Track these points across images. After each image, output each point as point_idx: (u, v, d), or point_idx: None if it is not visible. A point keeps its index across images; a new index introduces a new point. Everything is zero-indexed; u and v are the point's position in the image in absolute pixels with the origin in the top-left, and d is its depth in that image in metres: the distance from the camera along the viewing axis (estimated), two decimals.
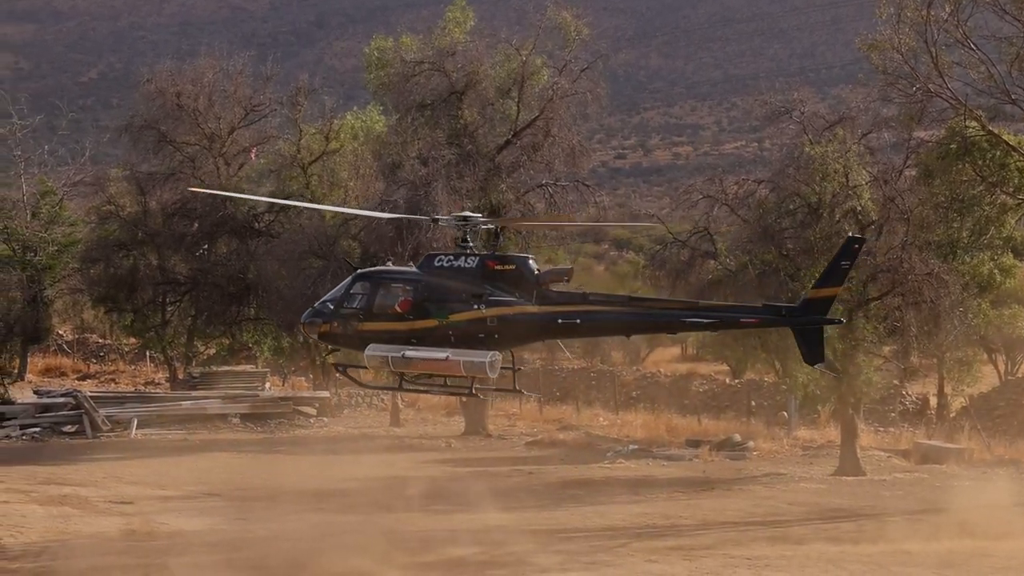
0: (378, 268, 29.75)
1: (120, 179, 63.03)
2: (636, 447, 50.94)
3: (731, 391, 64.60)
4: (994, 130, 42.82)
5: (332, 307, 28.47)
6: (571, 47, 53.53)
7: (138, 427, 55.07)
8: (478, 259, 27.58)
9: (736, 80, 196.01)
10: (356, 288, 28.38)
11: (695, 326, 28.08)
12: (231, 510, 37.30)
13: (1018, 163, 43.02)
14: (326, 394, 60.69)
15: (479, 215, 29.12)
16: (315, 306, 29.22)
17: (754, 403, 60.19)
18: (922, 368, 58.95)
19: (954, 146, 42.88)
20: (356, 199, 55.37)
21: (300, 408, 59.18)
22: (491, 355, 26.99)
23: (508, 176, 53.28)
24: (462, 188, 50.87)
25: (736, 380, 67.09)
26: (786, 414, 56.88)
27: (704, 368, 75.36)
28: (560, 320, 27.18)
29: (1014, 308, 55.31)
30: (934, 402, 58.99)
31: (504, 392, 32.39)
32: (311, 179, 57.95)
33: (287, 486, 40.70)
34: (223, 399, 57.94)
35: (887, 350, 46.85)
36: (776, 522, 36.43)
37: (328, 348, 31.03)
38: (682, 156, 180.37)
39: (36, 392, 60.90)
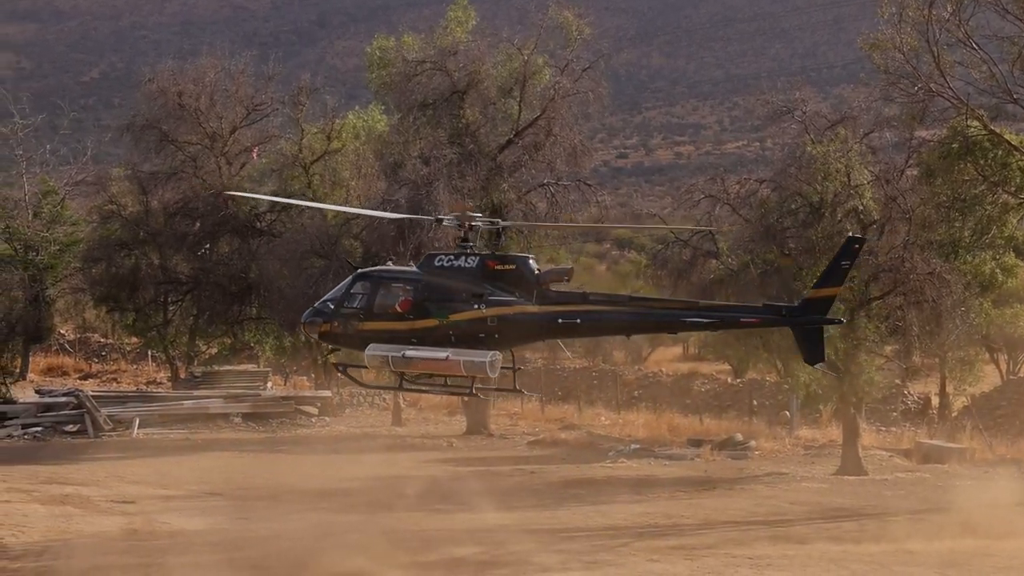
0: (378, 268, 29.73)
1: (122, 178, 62.99)
2: (638, 446, 50.91)
3: (733, 390, 64.57)
4: (996, 129, 42.79)
5: (332, 307, 28.43)
6: (573, 46, 53.53)
7: (140, 426, 55.10)
8: (478, 259, 27.56)
9: (738, 79, 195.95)
10: (356, 288, 28.36)
11: (695, 326, 28.09)
12: (233, 509, 37.29)
13: (1020, 163, 42.98)
14: (328, 393, 60.67)
15: (479, 214, 29.08)
16: (315, 306, 29.20)
17: (756, 402, 60.15)
18: (924, 367, 58.92)
19: (956, 146, 42.85)
20: (358, 199, 55.32)
21: (302, 408, 59.16)
22: (491, 355, 26.97)
23: (510, 175, 53.29)
24: (464, 187, 50.86)
25: (738, 379, 67.06)
26: (788, 413, 56.86)
27: (706, 368, 75.36)
28: (560, 320, 27.16)
29: (1016, 307, 55.33)
30: (936, 401, 58.97)
31: (505, 392, 32.38)
32: (313, 179, 57.92)
33: (289, 485, 40.70)
34: (225, 399, 57.94)
35: (889, 349, 46.83)
36: (778, 521, 36.41)
37: (329, 348, 30.97)
38: (684, 155, 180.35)
39: (38, 391, 60.89)
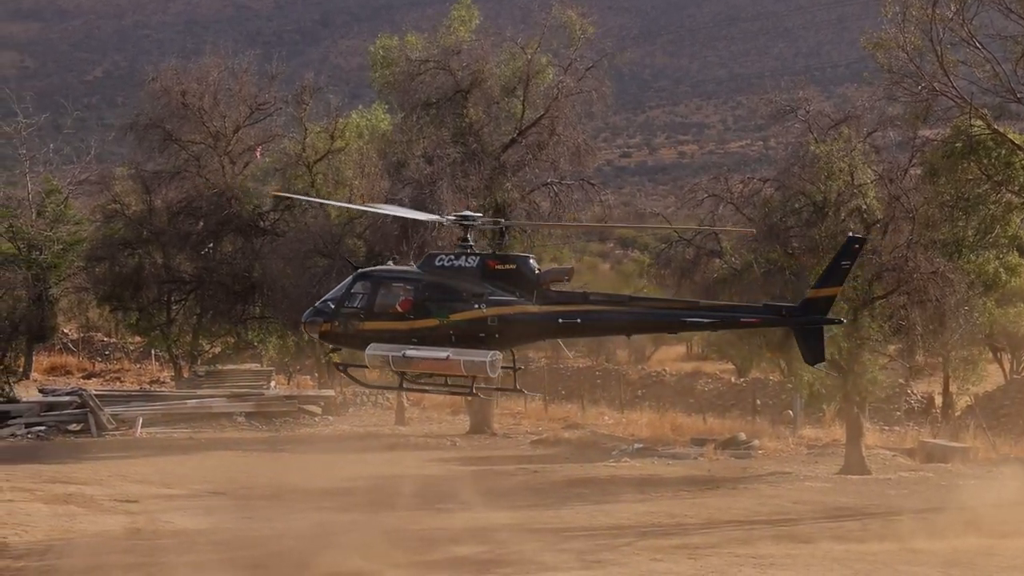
0: (379, 267, 29.74)
1: (125, 178, 62.92)
2: (641, 446, 50.89)
3: (736, 390, 64.59)
4: (1000, 129, 42.78)
5: (333, 306, 28.44)
6: (576, 46, 53.51)
7: (143, 426, 55.10)
8: (479, 259, 27.58)
9: (741, 79, 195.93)
10: (357, 287, 28.36)
11: (696, 326, 28.12)
12: (236, 509, 37.27)
13: (1023, 162, 42.98)
14: (331, 393, 60.68)
15: (479, 214, 29.08)
16: (316, 305, 29.20)
17: (759, 402, 60.15)
18: (927, 367, 59.01)
19: (959, 145, 42.83)
20: (361, 198, 55.27)
21: (305, 407, 59.15)
22: (492, 355, 26.98)
23: (513, 175, 53.27)
24: (467, 187, 50.86)
25: (741, 379, 67.10)
26: (791, 413, 56.86)
27: (709, 367, 75.39)
28: (560, 320, 27.18)
29: (1019, 307, 55.38)
30: (939, 401, 58.95)
31: (505, 392, 32.40)
32: (316, 178, 57.89)
33: (292, 485, 40.68)
34: (228, 398, 57.93)
35: (892, 349, 46.81)
36: (781, 521, 36.39)
37: (330, 347, 30.98)
38: (687, 155, 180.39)
39: (41, 391, 60.91)
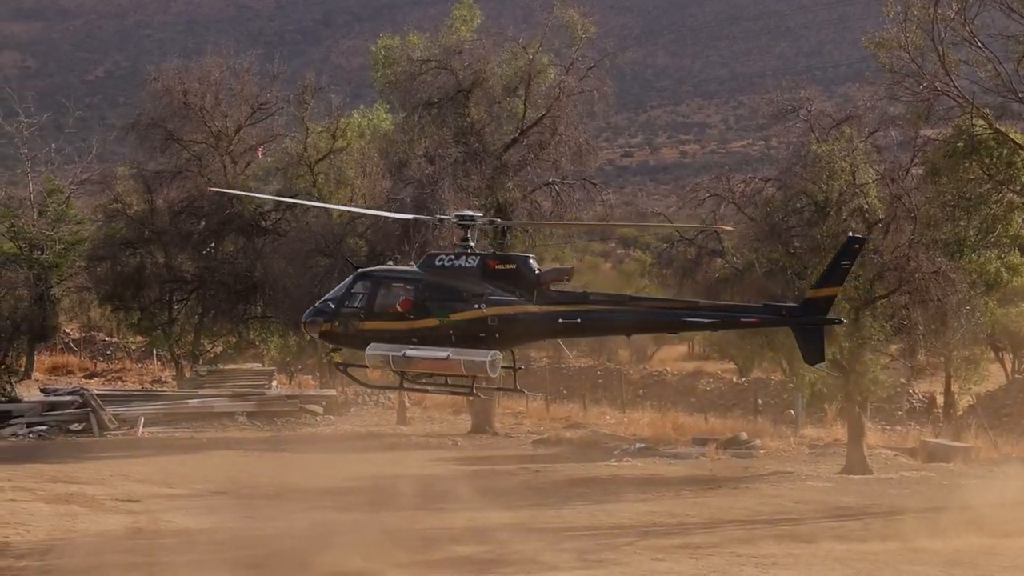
0: (379, 267, 29.74)
1: (127, 177, 62.91)
2: (643, 445, 50.89)
3: (738, 389, 64.61)
4: (1001, 128, 42.79)
5: (333, 306, 28.44)
6: (578, 45, 53.52)
7: (145, 425, 55.09)
8: (479, 258, 27.60)
9: (743, 78, 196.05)
10: (357, 287, 28.38)
11: (695, 326, 28.15)
12: (237, 508, 37.26)
13: None
14: (333, 392, 60.70)
15: (480, 214, 29.08)
16: (316, 305, 29.20)
17: (761, 401, 60.16)
18: (929, 366, 58.96)
19: (961, 144, 42.84)
20: (363, 197, 55.31)
21: (307, 406, 59.16)
22: (492, 354, 27.01)
23: (515, 174, 53.27)
24: (469, 186, 50.84)
25: (743, 378, 67.15)
26: (793, 412, 56.88)
27: (711, 366, 75.44)
28: (560, 320, 27.20)
29: (1021, 306, 55.37)
30: (941, 400, 58.93)
31: (505, 391, 32.40)
32: (318, 177, 57.89)
33: (293, 484, 40.69)
34: (230, 397, 57.94)
35: (894, 348, 46.79)
36: (783, 520, 36.38)
37: (330, 347, 30.99)
38: (689, 154, 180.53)
39: (43, 390, 60.95)
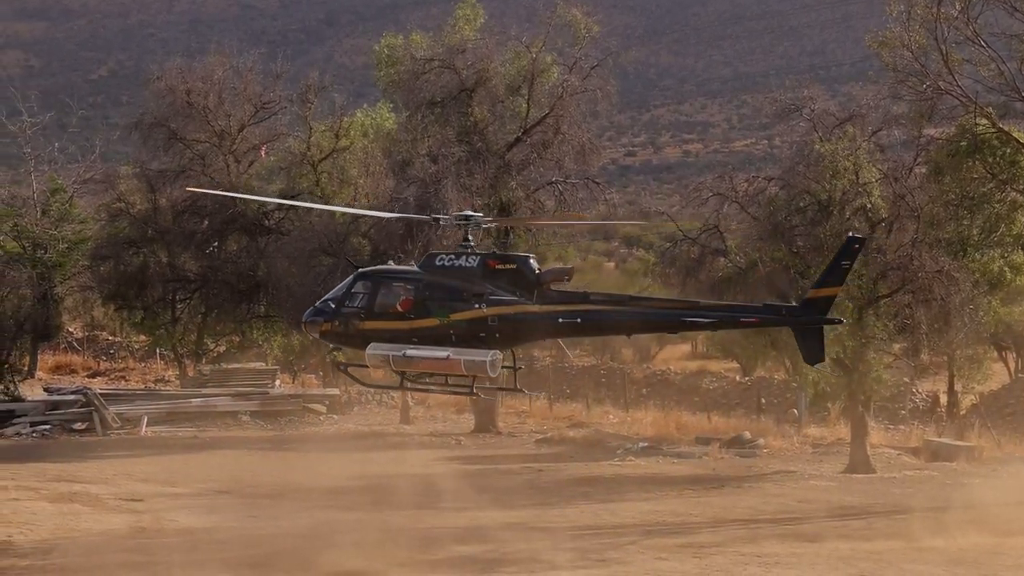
0: (379, 267, 29.77)
1: (130, 176, 62.92)
2: (646, 445, 50.88)
3: (741, 389, 64.56)
4: (1004, 127, 42.74)
5: (333, 306, 28.49)
6: (581, 44, 53.51)
7: (148, 424, 55.13)
8: (479, 258, 27.64)
9: (746, 77, 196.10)
10: (357, 287, 28.42)
11: (695, 325, 28.17)
12: (241, 507, 37.30)
13: None
14: (336, 391, 60.69)
15: (480, 214, 29.09)
16: (316, 305, 29.24)
17: (764, 401, 60.12)
18: (932, 366, 58.88)
19: (964, 143, 42.79)
20: (366, 197, 55.31)
21: (310, 405, 59.17)
22: (492, 354, 27.04)
23: (518, 174, 53.24)
24: (472, 185, 50.81)
25: (746, 378, 67.11)
26: (796, 411, 56.86)
27: (714, 366, 75.41)
28: (561, 319, 27.24)
29: None
30: (944, 400, 58.88)
31: (505, 391, 32.40)
32: (321, 177, 57.88)
33: (296, 484, 40.70)
34: (233, 396, 57.95)
35: (897, 347, 46.74)
36: (786, 519, 36.40)
37: (331, 346, 31.01)
38: (692, 154, 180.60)
39: (46, 389, 61.03)
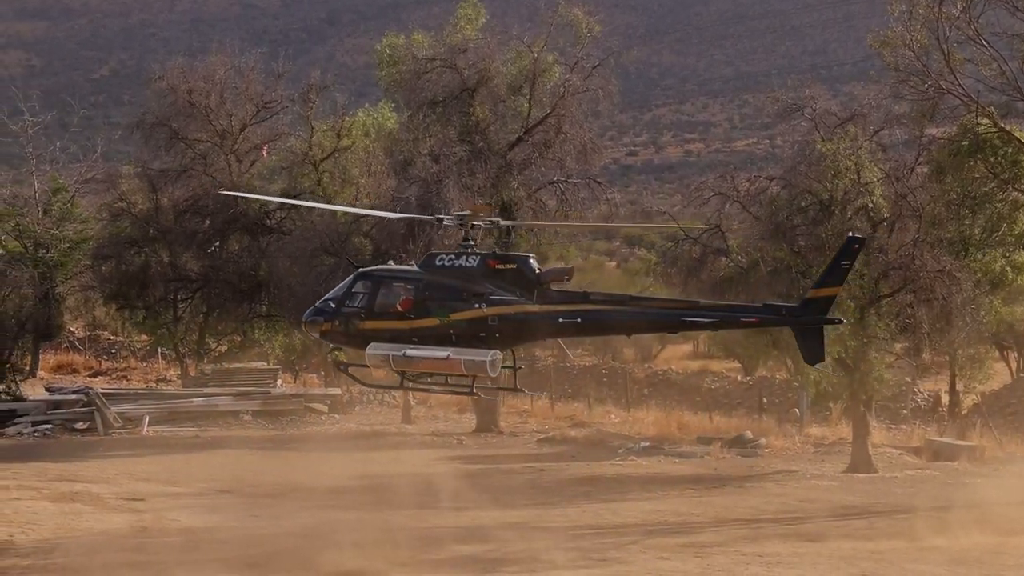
0: (379, 267, 29.77)
1: (132, 176, 62.93)
2: (647, 444, 50.88)
3: (743, 388, 64.55)
4: (1006, 127, 42.69)
5: (334, 306, 28.48)
6: (583, 44, 53.51)
7: (150, 424, 55.15)
8: (479, 258, 27.63)
9: (748, 77, 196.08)
10: (357, 287, 28.41)
11: (695, 325, 28.15)
12: (242, 507, 37.31)
13: None
14: (337, 391, 60.70)
15: (481, 214, 29.08)
16: (316, 305, 29.23)
17: (766, 400, 60.09)
18: (934, 365, 58.86)
19: (966, 143, 42.73)
20: (368, 196, 55.30)
21: (311, 405, 59.20)
22: (492, 354, 27.04)
23: (520, 173, 53.26)
24: (474, 185, 50.81)
25: (748, 377, 67.09)
26: (798, 411, 56.84)
27: (716, 365, 75.41)
28: (561, 319, 27.23)
29: None
30: (946, 399, 58.84)
31: (505, 391, 32.38)
32: (322, 176, 57.88)
33: (298, 483, 40.71)
34: (235, 396, 57.99)
35: (899, 347, 46.74)
36: (788, 519, 36.39)
37: (332, 346, 31.01)
38: (694, 153, 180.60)
39: (48, 389, 61.07)
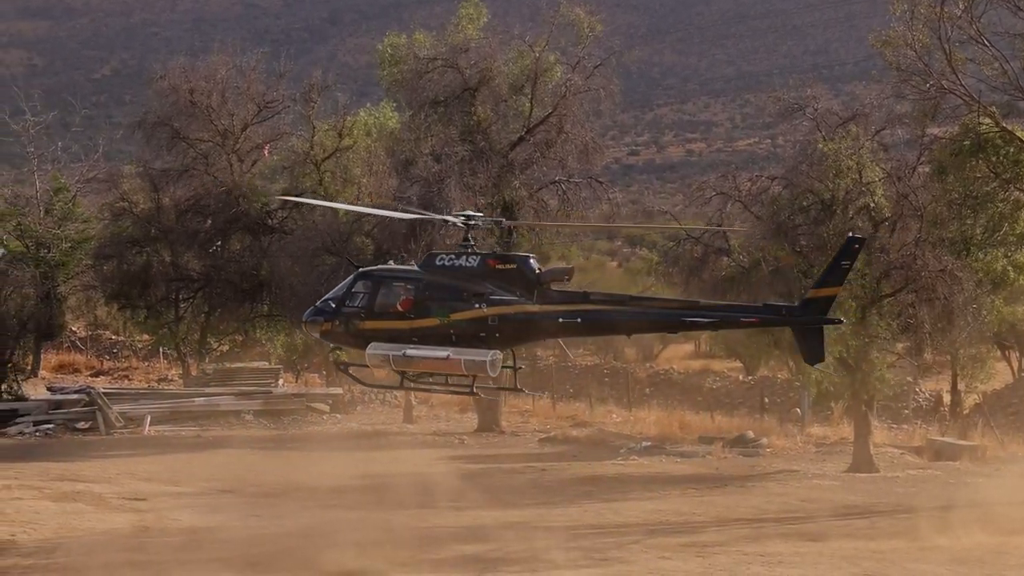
0: (379, 267, 29.77)
1: (133, 176, 62.91)
2: (649, 444, 50.89)
3: (744, 388, 64.54)
4: (1008, 126, 42.68)
5: (334, 306, 28.49)
6: (584, 44, 53.50)
7: (151, 423, 55.16)
8: (479, 258, 27.65)
9: (750, 77, 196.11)
10: (358, 287, 28.42)
11: (695, 325, 28.14)
12: (243, 507, 37.31)
13: None
14: (339, 391, 60.69)
15: (481, 214, 29.10)
16: (316, 304, 29.24)
17: (767, 400, 60.09)
18: (935, 365, 58.86)
19: (968, 143, 42.73)
20: (369, 196, 55.27)
21: (313, 405, 59.20)
22: (492, 354, 27.05)
23: (521, 173, 53.26)
24: (475, 185, 50.83)
25: (749, 377, 67.07)
26: (799, 411, 56.84)
27: (717, 365, 75.41)
28: (561, 319, 27.24)
29: None
30: (947, 399, 58.84)
31: (505, 391, 32.38)
32: (324, 176, 57.89)
33: (299, 483, 40.71)
34: (236, 396, 57.98)
35: (900, 347, 46.74)
36: (790, 518, 36.38)
37: (332, 346, 31.02)
38: (695, 153, 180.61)
39: (49, 388, 61.05)
